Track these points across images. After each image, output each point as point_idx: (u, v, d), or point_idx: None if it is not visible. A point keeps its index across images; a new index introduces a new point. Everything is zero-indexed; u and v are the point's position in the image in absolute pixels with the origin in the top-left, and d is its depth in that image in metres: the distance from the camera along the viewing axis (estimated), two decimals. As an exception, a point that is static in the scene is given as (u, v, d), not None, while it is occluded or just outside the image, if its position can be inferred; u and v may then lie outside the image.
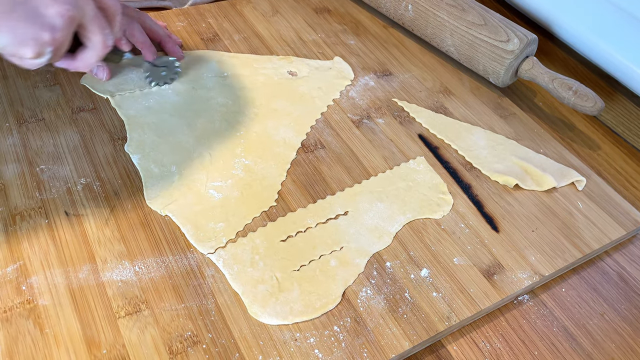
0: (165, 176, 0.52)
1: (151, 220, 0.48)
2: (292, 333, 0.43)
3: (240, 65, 0.64)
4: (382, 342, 0.43)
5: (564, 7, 0.70)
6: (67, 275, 0.44)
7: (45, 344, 0.40)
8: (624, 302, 0.49)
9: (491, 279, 0.48)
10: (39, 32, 0.43)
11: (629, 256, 0.53)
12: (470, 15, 0.66)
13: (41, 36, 0.43)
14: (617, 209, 0.55)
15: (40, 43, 0.43)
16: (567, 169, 0.58)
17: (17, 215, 0.47)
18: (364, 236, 0.49)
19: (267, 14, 0.73)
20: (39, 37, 0.43)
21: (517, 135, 0.62)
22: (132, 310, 0.43)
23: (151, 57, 0.58)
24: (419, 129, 0.61)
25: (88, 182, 0.50)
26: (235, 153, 0.55)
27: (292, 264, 0.46)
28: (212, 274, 0.45)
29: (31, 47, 0.43)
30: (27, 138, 0.53)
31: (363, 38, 0.72)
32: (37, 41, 0.43)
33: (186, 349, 0.41)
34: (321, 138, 0.58)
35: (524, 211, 0.54)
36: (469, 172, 0.57)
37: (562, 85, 0.62)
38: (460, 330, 0.46)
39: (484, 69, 0.66)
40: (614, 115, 0.67)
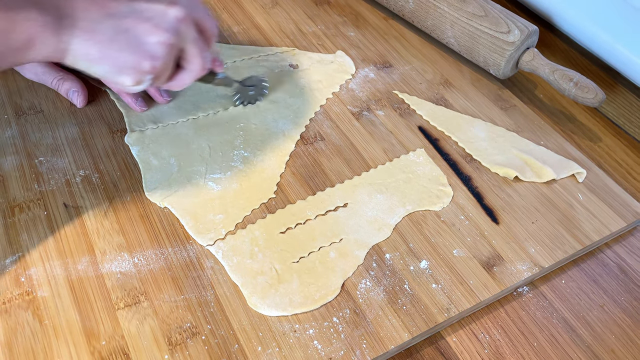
0: (165, 168, 0.51)
1: (150, 212, 0.48)
2: (291, 324, 0.43)
3: (239, 56, 0.64)
4: (382, 333, 0.43)
5: (565, -2, 0.70)
6: (66, 267, 0.44)
7: (45, 335, 0.40)
8: (623, 294, 0.49)
9: (491, 271, 0.48)
10: (140, 61, 0.42)
11: (629, 248, 0.53)
12: (470, 6, 0.65)
13: (141, 65, 0.42)
14: (617, 200, 0.55)
15: (140, 72, 0.43)
16: (568, 161, 0.58)
17: (16, 207, 0.47)
18: (364, 228, 0.49)
19: (266, 5, 0.73)
20: (139, 66, 0.42)
21: (517, 127, 0.61)
22: (131, 302, 0.43)
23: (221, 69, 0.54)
24: (419, 121, 0.61)
25: (87, 174, 0.50)
26: (234, 145, 0.54)
27: (292, 256, 0.46)
28: (212, 266, 0.45)
29: (131, 76, 0.43)
30: (26, 130, 0.53)
31: (363, 30, 0.71)
32: (137, 70, 0.42)
33: (185, 340, 0.41)
34: (321, 130, 0.58)
35: (524, 203, 0.54)
36: (469, 164, 0.57)
37: (563, 77, 0.61)
38: (459, 321, 0.46)
39: (484, 61, 0.65)
40: (614, 107, 0.67)
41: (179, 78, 0.47)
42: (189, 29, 0.44)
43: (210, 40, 0.48)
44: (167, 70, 0.45)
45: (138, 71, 0.43)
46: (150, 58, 0.42)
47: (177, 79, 0.47)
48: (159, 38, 0.42)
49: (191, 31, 0.44)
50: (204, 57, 0.47)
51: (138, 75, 0.43)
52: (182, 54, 0.46)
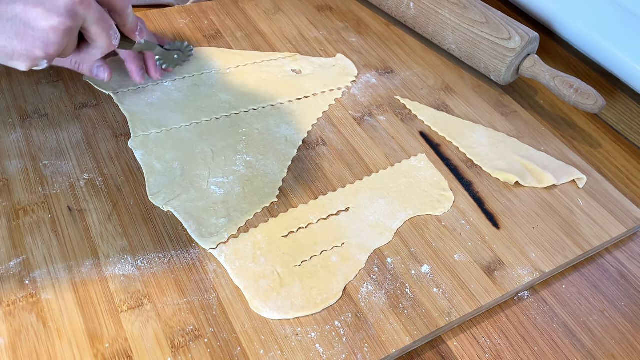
0: (168, 172, 0.52)
1: (153, 216, 0.49)
2: (293, 328, 0.43)
3: (242, 62, 0.65)
4: (383, 337, 0.43)
5: (565, 5, 0.70)
6: (70, 270, 0.44)
7: (48, 337, 0.40)
8: (624, 299, 0.49)
9: (492, 275, 0.48)
10: (30, 49, 0.40)
11: (629, 253, 0.53)
12: (471, 13, 0.66)
13: (33, 52, 0.40)
14: (617, 206, 0.55)
15: (32, 58, 0.41)
16: (568, 167, 0.58)
17: (21, 210, 0.48)
18: (365, 232, 0.50)
19: (269, 11, 0.73)
20: (30, 54, 0.41)
21: (518, 133, 0.62)
22: (135, 305, 0.43)
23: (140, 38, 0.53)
24: (421, 126, 0.61)
25: (91, 177, 0.51)
26: (237, 149, 0.55)
27: (294, 260, 0.47)
28: (214, 269, 0.46)
29: (23, 62, 0.41)
30: (30, 134, 0.54)
31: (365, 36, 0.72)
32: (28, 57, 0.41)
33: (188, 343, 0.41)
34: (323, 135, 0.58)
35: (524, 208, 0.54)
36: (470, 169, 0.57)
37: (564, 83, 0.62)
38: (460, 326, 0.46)
39: (485, 67, 0.66)
40: (615, 113, 0.67)
41: (86, 52, 0.46)
42: (89, 9, 0.42)
43: (123, 13, 0.47)
44: (68, 48, 0.43)
45: (30, 58, 0.41)
46: (43, 45, 0.40)
47: (86, 52, 0.46)
48: (51, 23, 0.39)
49: (92, 11, 0.42)
50: (109, 35, 0.45)
51: (30, 61, 0.41)
52: (86, 32, 0.44)
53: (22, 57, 0.40)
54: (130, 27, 0.49)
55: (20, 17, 0.39)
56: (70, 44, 0.43)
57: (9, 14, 0.39)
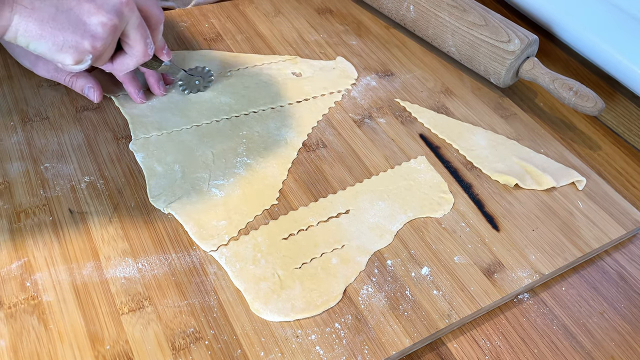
0: (169, 174, 0.52)
1: (154, 218, 0.49)
2: (293, 330, 0.43)
3: (242, 65, 0.65)
4: (383, 339, 0.43)
5: (564, 8, 0.70)
6: (71, 272, 0.44)
7: (50, 339, 0.41)
8: (623, 301, 0.49)
9: (491, 278, 0.48)
10: (80, 41, 0.43)
11: (628, 255, 0.53)
12: (471, 15, 0.66)
13: (82, 45, 0.43)
14: (617, 208, 0.55)
15: (80, 51, 0.43)
16: (568, 169, 0.58)
17: (22, 212, 0.48)
18: (365, 234, 0.50)
19: (269, 14, 0.74)
20: (79, 46, 0.43)
21: (517, 136, 0.62)
22: (136, 307, 0.43)
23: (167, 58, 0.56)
24: (420, 128, 0.61)
25: (92, 180, 0.51)
26: (238, 152, 0.55)
27: (294, 262, 0.47)
28: (215, 271, 0.46)
29: (71, 55, 0.43)
30: (32, 136, 0.54)
31: (365, 38, 0.72)
32: (77, 49, 0.43)
33: (189, 345, 0.41)
34: (323, 137, 0.59)
35: (524, 210, 0.54)
36: (470, 172, 0.57)
37: (563, 86, 0.62)
38: (460, 328, 0.46)
39: (485, 70, 0.66)
40: (614, 116, 0.67)
41: (121, 61, 0.48)
42: (132, 13, 0.45)
43: (156, 27, 0.49)
44: (108, 51, 0.45)
45: (78, 50, 0.43)
46: (91, 38, 0.43)
47: (119, 62, 0.48)
48: (101, 19, 0.43)
49: (134, 16, 0.45)
50: (146, 43, 0.47)
51: (78, 54, 0.43)
52: (125, 38, 0.46)
53: (71, 48, 0.43)
54: (160, 45, 0.52)
55: (74, 10, 0.42)
56: (111, 46, 0.45)
57: (65, 6, 0.41)
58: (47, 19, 0.41)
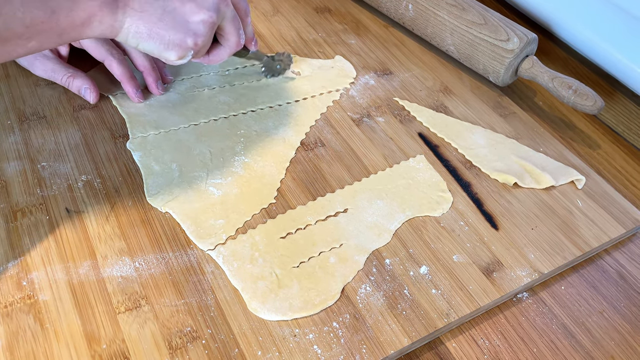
0: (166, 173, 0.52)
1: (151, 217, 0.49)
2: (291, 329, 0.43)
3: (241, 63, 0.65)
4: (381, 338, 0.43)
5: (564, 7, 0.70)
6: (67, 271, 0.44)
7: (46, 338, 0.40)
8: (623, 300, 0.49)
9: (490, 277, 0.48)
10: (184, 39, 0.46)
11: (628, 254, 0.53)
12: (470, 14, 0.66)
13: (185, 42, 0.46)
14: (616, 207, 0.55)
15: (184, 48, 0.46)
16: (567, 168, 0.58)
17: (19, 211, 0.48)
18: (364, 233, 0.49)
19: (268, 13, 0.73)
20: (183, 43, 0.46)
21: (517, 134, 0.62)
22: (132, 306, 0.43)
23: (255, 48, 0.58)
24: (419, 127, 0.61)
25: (89, 179, 0.51)
26: (235, 151, 0.55)
27: (292, 261, 0.47)
28: (212, 270, 0.46)
29: (176, 52, 0.46)
30: (29, 135, 0.54)
31: (363, 37, 0.72)
32: (181, 47, 0.46)
33: (186, 344, 0.41)
34: (321, 136, 0.58)
35: (523, 209, 0.54)
36: (469, 171, 0.57)
37: (562, 85, 0.62)
38: (459, 327, 0.46)
39: (484, 68, 0.66)
40: (613, 115, 0.67)
41: (216, 53, 0.51)
42: (228, 7, 0.48)
43: (245, 18, 0.52)
44: (207, 45, 0.48)
45: (182, 47, 0.46)
46: (194, 35, 0.46)
47: (215, 54, 0.51)
48: (202, 17, 0.46)
49: (230, 10, 0.48)
50: (239, 34, 0.51)
51: (182, 51, 0.46)
52: (220, 31, 0.50)
53: (175, 46, 0.46)
54: (249, 35, 0.55)
55: (178, 10, 0.45)
56: (209, 41, 0.48)
57: (170, 7, 0.44)
58: (155, 21, 0.44)
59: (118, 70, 0.56)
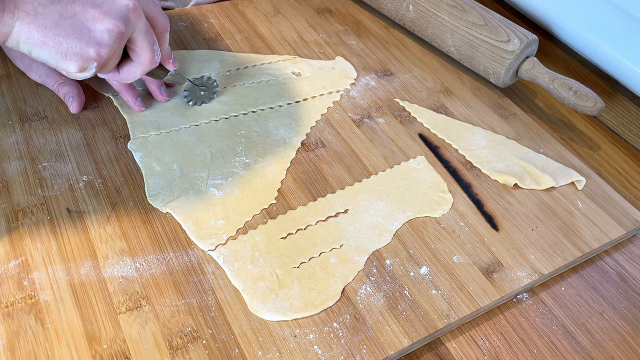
0: (167, 174, 0.52)
1: (152, 218, 0.49)
2: (291, 329, 0.43)
3: (242, 64, 0.65)
4: (382, 338, 0.43)
5: (564, 8, 0.70)
6: (68, 271, 0.44)
7: (47, 338, 0.40)
8: (623, 301, 0.49)
9: (490, 277, 0.48)
10: (85, 48, 0.41)
11: (628, 255, 0.53)
12: (470, 15, 0.66)
13: (86, 52, 0.42)
14: (616, 208, 0.55)
15: (84, 59, 0.42)
16: (567, 169, 0.58)
17: (20, 211, 0.48)
18: (364, 234, 0.50)
19: (268, 14, 0.73)
20: (83, 53, 0.41)
21: (517, 135, 0.62)
22: (133, 306, 0.43)
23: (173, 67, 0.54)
24: (420, 128, 0.61)
25: (90, 179, 0.51)
26: (236, 151, 0.55)
27: (292, 261, 0.47)
28: (213, 271, 0.46)
29: (75, 62, 0.42)
30: (30, 136, 0.54)
31: (364, 38, 0.72)
32: (81, 57, 0.42)
33: (186, 345, 0.41)
34: (322, 137, 0.59)
35: (523, 210, 0.54)
36: (469, 171, 0.57)
37: (563, 86, 0.62)
38: (459, 327, 0.46)
39: (484, 69, 0.66)
40: (614, 116, 0.67)
41: (127, 70, 0.47)
42: (140, 19, 0.44)
43: (162, 35, 0.48)
44: (114, 59, 0.44)
45: (83, 58, 0.42)
46: (97, 45, 0.41)
47: (125, 70, 0.47)
48: (107, 25, 0.41)
49: (142, 22, 0.44)
50: (153, 50, 0.46)
51: (82, 62, 0.42)
52: (131, 45, 0.45)
53: (75, 55, 0.41)
54: (166, 53, 0.50)
55: (78, 16, 0.40)
56: (116, 54, 0.44)
57: (69, 12, 0.40)
58: (50, 26, 0.40)
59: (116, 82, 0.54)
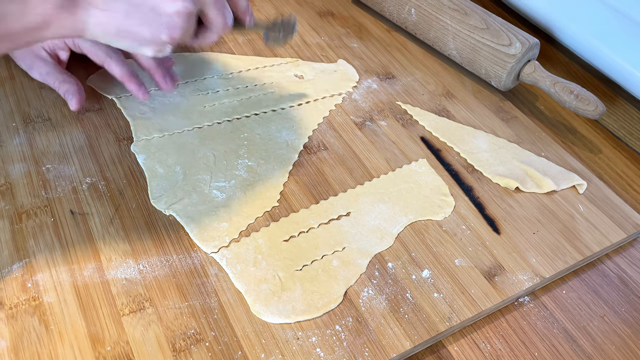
0: (170, 176, 0.52)
1: (155, 220, 0.49)
2: (294, 332, 0.43)
3: (245, 67, 0.65)
4: (384, 341, 0.43)
5: (565, 12, 0.70)
6: (72, 273, 0.44)
7: (50, 340, 0.41)
8: (624, 305, 0.49)
9: (492, 280, 0.48)
10: (157, 34, 0.42)
11: (629, 259, 0.53)
12: (472, 19, 0.66)
13: (159, 37, 0.42)
14: (617, 212, 0.55)
15: (159, 43, 0.42)
16: (568, 173, 0.58)
17: (24, 213, 0.48)
18: (366, 237, 0.50)
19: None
20: (156, 39, 0.42)
21: (518, 139, 0.62)
22: (136, 308, 0.43)
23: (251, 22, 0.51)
24: (422, 131, 0.61)
25: (93, 181, 0.51)
26: (239, 154, 0.55)
27: (295, 264, 0.47)
28: (216, 273, 0.46)
29: (150, 48, 0.43)
30: (34, 138, 0.54)
31: (366, 41, 0.72)
32: (155, 42, 0.42)
33: (189, 347, 0.41)
34: (324, 140, 0.59)
35: (525, 213, 0.54)
36: (471, 175, 0.57)
37: (564, 89, 0.62)
38: (461, 330, 0.46)
39: (486, 73, 0.66)
40: (615, 119, 0.67)
41: (204, 36, 0.47)
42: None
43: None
44: (188, 34, 0.44)
45: (157, 43, 0.42)
46: (168, 29, 0.42)
47: (203, 37, 0.47)
48: (175, 7, 0.41)
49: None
50: (225, 17, 0.46)
51: (157, 46, 0.43)
52: (203, 16, 0.45)
53: (149, 42, 0.42)
54: (242, 10, 0.49)
55: (147, 3, 0.40)
56: (190, 28, 0.44)
57: (137, 1, 0.40)
58: (121, 18, 0.40)
59: (118, 70, 0.54)
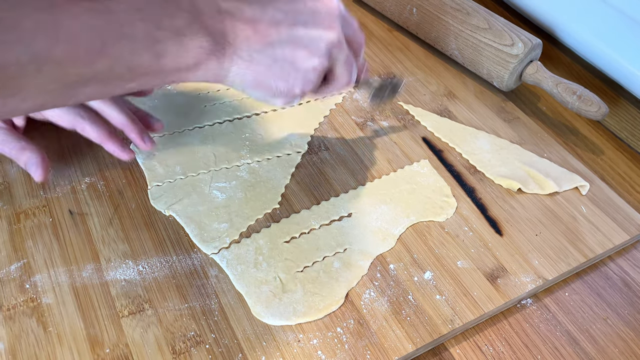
0: (170, 176, 0.52)
1: (155, 220, 0.49)
2: (295, 334, 0.43)
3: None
4: (386, 344, 0.43)
5: (568, 12, 0.70)
6: (70, 274, 0.44)
7: (49, 342, 0.40)
8: (627, 307, 0.49)
9: (495, 283, 0.48)
10: (292, 88, 0.43)
11: (632, 261, 0.53)
12: (474, 19, 0.66)
13: (293, 90, 0.43)
14: (620, 214, 0.55)
15: (291, 95, 0.43)
16: (571, 174, 0.58)
17: (22, 213, 0.47)
18: (368, 238, 0.49)
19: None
20: (290, 92, 0.43)
21: (520, 140, 0.62)
22: (136, 310, 0.43)
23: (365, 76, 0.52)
24: (423, 132, 0.61)
25: (92, 181, 0.51)
26: (240, 154, 0.55)
27: (296, 265, 0.46)
28: (216, 274, 0.45)
29: (282, 99, 0.44)
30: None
31: (368, 41, 0.72)
32: (288, 94, 0.43)
33: (189, 349, 0.41)
34: (325, 140, 0.58)
35: (527, 215, 0.54)
36: (473, 176, 0.57)
37: (566, 90, 0.62)
38: (463, 333, 0.46)
39: (488, 73, 0.66)
40: (617, 121, 0.67)
41: (323, 90, 0.47)
42: (342, 52, 0.44)
43: (358, 53, 0.48)
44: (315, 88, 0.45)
45: (289, 95, 0.44)
46: (302, 83, 0.43)
47: (322, 91, 0.47)
48: (313, 64, 0.42)
49: (343, 53, 0.45)
50: (350, 75, 0.47)
51: (289, 98, 0.44)
52: (331, 72, 0.46)
53: (282, 94, 0.43)
54: (360, 67, 0.50)
55: (287, 59, 0.42)
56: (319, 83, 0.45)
57: (280, 55, 0.41)
58: (262, 70, 0.41)
59: (93, 133, 0.49)
